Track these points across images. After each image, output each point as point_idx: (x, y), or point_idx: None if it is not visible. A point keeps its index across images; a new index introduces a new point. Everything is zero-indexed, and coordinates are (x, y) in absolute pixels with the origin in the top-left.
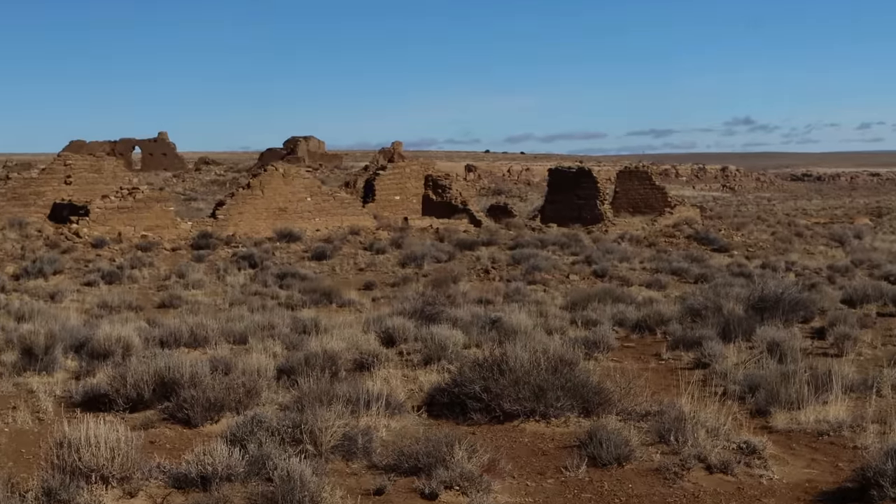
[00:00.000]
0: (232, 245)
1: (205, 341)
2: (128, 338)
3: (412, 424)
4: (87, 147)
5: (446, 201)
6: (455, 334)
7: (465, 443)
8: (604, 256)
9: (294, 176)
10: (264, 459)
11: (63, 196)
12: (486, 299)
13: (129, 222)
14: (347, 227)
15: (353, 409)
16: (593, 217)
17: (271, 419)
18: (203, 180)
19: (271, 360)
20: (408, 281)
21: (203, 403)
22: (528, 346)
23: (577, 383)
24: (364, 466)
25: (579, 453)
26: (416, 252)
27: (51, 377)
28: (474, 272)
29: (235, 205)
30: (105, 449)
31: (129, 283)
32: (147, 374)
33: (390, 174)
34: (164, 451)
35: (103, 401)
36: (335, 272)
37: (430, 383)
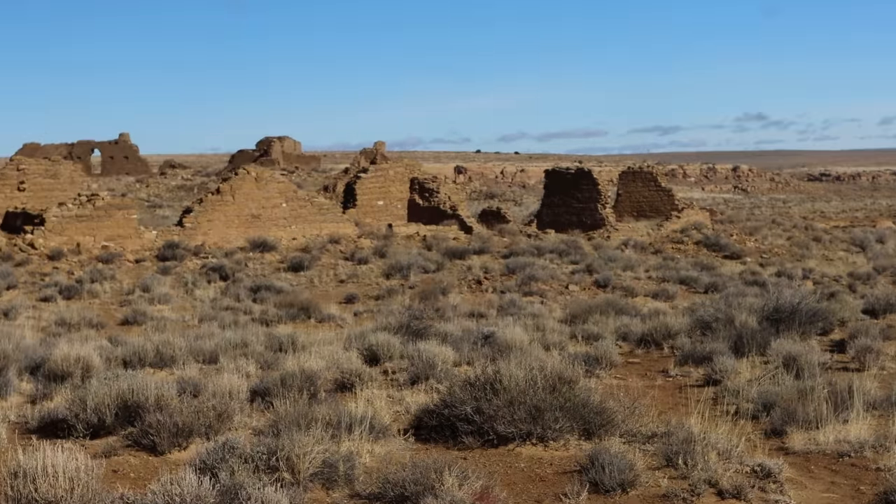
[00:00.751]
0: (201, 256)
1: (172, 361)
2: (88, 358)
3: (398, 449)
4: (42, 150)
5: (434, 206)
6: (444, 351)
7: (455, 469)
8: (606, 265)
9: (268, 180)
10: (237, 489)
11: (16, 204)
12: (479, 312)
13: (89, 232)
14: (326, 235)
15: (333, 433)
16: (594, 222)
17: (244, 445)
18: (169, 185)
19: (244, 381)
20: (393, 293)
21: (170, 428)
22: (523, 364)
23: (577, 403)
24: (346, 495)
25: (580, 479)
26: (402, 262)
27: (4, 401)
28: (465, 283)
29: (204, 212)
30: (63, 479)
31: (90, 297)
32: (109, 397)
33: (373, 177)
34: (128, 480)
35: (61, 426)
36: (314, 284)
37: (418, 404)
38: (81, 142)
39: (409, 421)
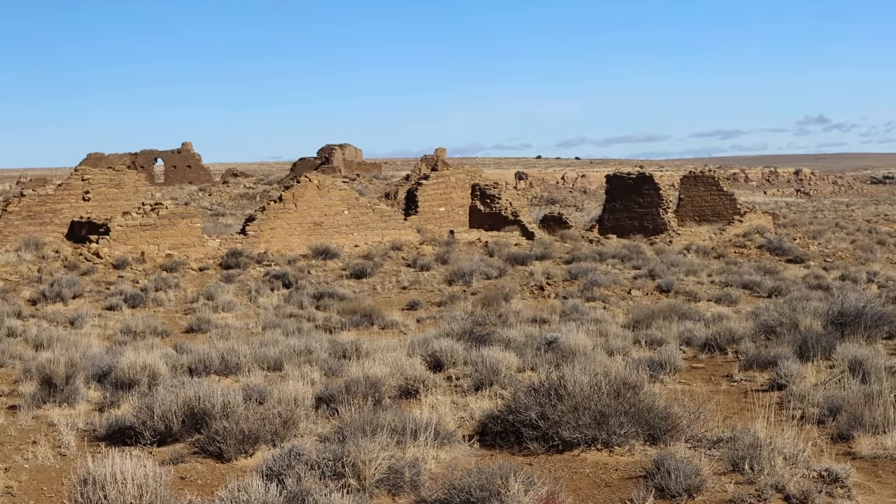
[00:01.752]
0: (264, 263)
1: (237, 368)
2: (154, 366)
3: (463, 455)
4: (106, 160)
5: (495, 212)
6: (508, 357)
7: (521, 474)
8: (668, 270)
9: (329, 187)
10: (304, 495)
11: (81, 213)
12: (541, 318)
13: (153, 240)
14: (388, 241)
15: (398, 439)
16: (656, 227)
17: (310, 451)
18: (231, 194)
19: (309, 388)
20: (455, 300)
21: (236, 435)
22: (587, 369)
23: (641, 408)
24: (412, 501)
25: (646, 484)
26: (464, 268)
27: (72, 409)
28: (527, 289)
29: (267, 220)
30: (132, 486)
31: (154, 306)
32: (175, 404)
33: (434, 184)
34: (196, 487)
35: (129, 434)
36: (376, 291)
37: (482, 410)
38: (145, 151)
39: (474, 427)
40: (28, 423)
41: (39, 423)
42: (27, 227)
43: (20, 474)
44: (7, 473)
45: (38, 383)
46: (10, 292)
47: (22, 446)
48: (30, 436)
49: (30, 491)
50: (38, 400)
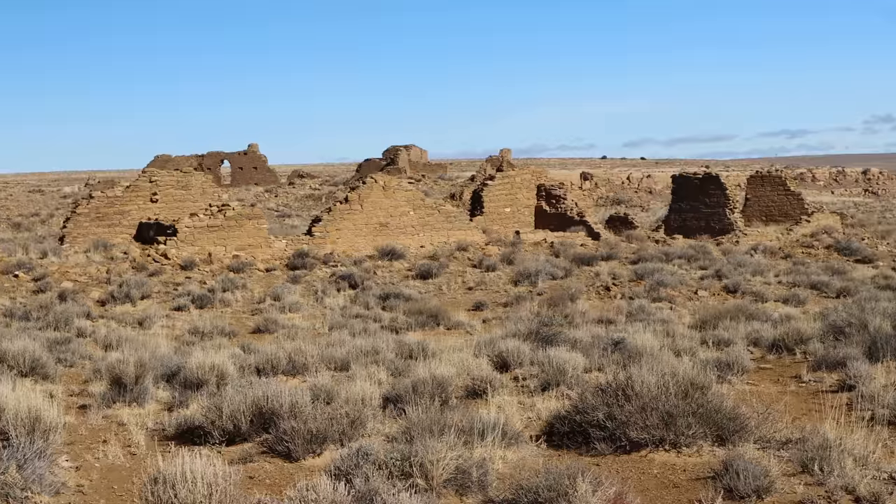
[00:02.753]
0: (330, 264)
1: (304, 368)
2: (222, 366)
3: (530, 455)
4: (173, 162)
5: (561, 213)
6: (574, 357)
7: (588, 475)
8: (735, 270)
9: (395, 188)
10: (372, 495)
11: (149, 215)
12: (607, 319)
13: (220, 242)
14: (454, 242)
15: (465, 439)
16: (722, 227)
17: (378, 451)
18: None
19: (376, 388)
20: (521, 300)
21: (304, 435)
22: (655, 369)
23: (709, 409)
24: (479, 501)
25: (714, 485)
26: (530, 268)
27: (142, 409)
28: (593, 289)
29: (333, 221)
30: (202, 485)
31: (221, 306)
32: (244, 404)
33: (499, 184)
34: (264, 486)
35: (198, 433)
36: (442, 292)
37: (549, 411)
38: (211, 153)
39: (541, 427)
40: (98, 422)
41: (109, 423)
42: (96, 228)
43: (91, 473)
44: (78, 472)
45: (107, 383)
46: (80, 293)
47: (92, 445)
48: (100, 435)
49: (100, 490)
50: (108, 399)
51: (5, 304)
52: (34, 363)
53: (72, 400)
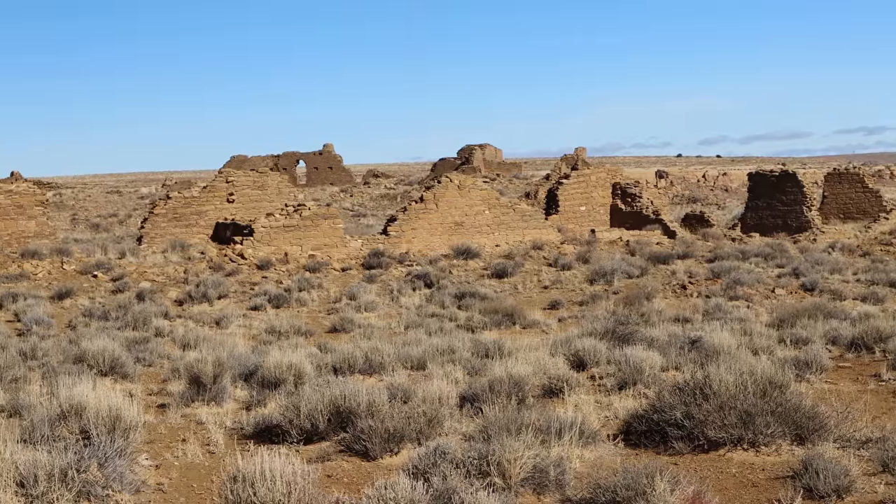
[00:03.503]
0: (405, 263)
1: (380, 367)
2: (299, 365)
3: (608, 454)
4: (249, 162)
5: (636, 211)
6: (651, 356)
7: (666, 474)
8: (812, 268)
9: (470, 187)
10: (450, 493)
11: (226, 215)
12: (684, 317)
13: (296, 241)
14: (529, 241)
15: (543, 438)
16: (799, 225)
17: (455, 450)
18: (372, 195)
19: (453, 387)
20: (597, 299)
21: (382, 434)
22: (732, 368)
23: (788, 408)
24: (557, 500)
25: (793, 485)
26: (606, 267)
27: (220, 407)
28: (669, 288)
29: (408, 220)
30: (281, 483)
31: (298, 306)
32: (321, 403)
33: (574, 183)
34: (342, 485)
35: (276, 432)
36: (517, 291)
37: (626, 410)
38: (287, 153)
39: (618, 426)
40: (177, 421)
41: (188, 422)
42: (173, 228)
43: (170, 471)
44: (158, 471)
45: (186, 382)
46: (157, 293)
47: (172, 444)
48: (179, 434)
49: (180, 488)
50: (187, 398)
51: (85, 304)
52: (114, 362)
53: (151, 399)
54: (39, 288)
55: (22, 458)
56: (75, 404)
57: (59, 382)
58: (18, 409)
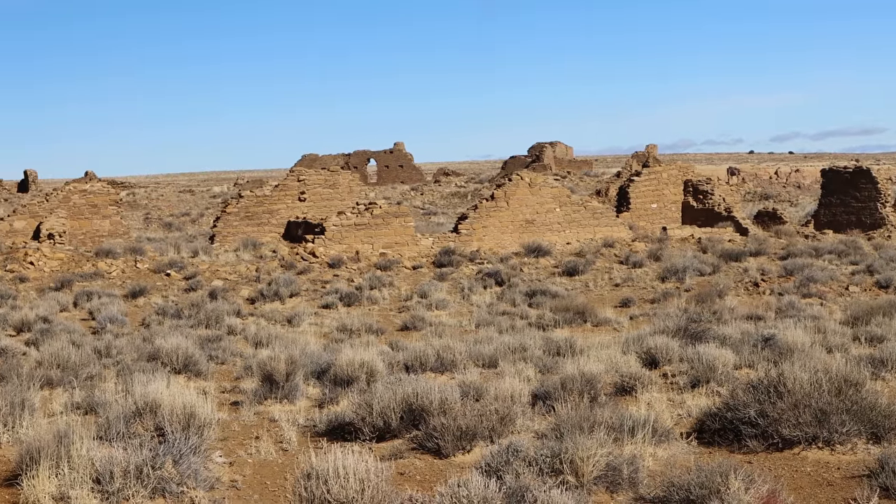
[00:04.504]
0: (476, 261)
1: (452, 365)
2: (371, 363)
3: (681, 453)
4: (321, 161)
5: (708, 208)
6: (724, 354)
7: (741, 472)
8: (887, 265)
9: (541, 185)
10: (523, 491)
11: (297, 213)
12: (756, 315)
13: (367, 240)
14: (600, 238)
15: (615, 436)
16: (873, 221)
17: (528, 448)
18: (443, 193)
19: (525, 385)
20: (668, 296)
21: (454, 432)
22: (807, 366)
23: (864, 406)
24: (630, 498)
25: (869, 484)
26: (677, 264)
27: (292, 405)
28: (742, 286)
29: (479, 218)
30: (354, 481)
31: (369, 304)
32: (394, 401)
33: (645, 180)
34: (414, 482)
35: (348, 430)
36: (588, 288)
37: (699, 408)
38: (358, 152)
39: (691, 424)
40: (250, 418)
41: (261, 419)
42: (245, 227)
43: (244, 468)
44: (232, 468)
45: (259, 380)
46: (230, 291)
47: (245, 441)
48: (252, 431)
49: (253, 485)
50: (260, 396)
51: (158, 303)
52: (187, 360)
53: (224, 397)
54: (113, 286)
55: (98, 454)
56: (150, 401)
57: (133, 380)
58: (94, 406)
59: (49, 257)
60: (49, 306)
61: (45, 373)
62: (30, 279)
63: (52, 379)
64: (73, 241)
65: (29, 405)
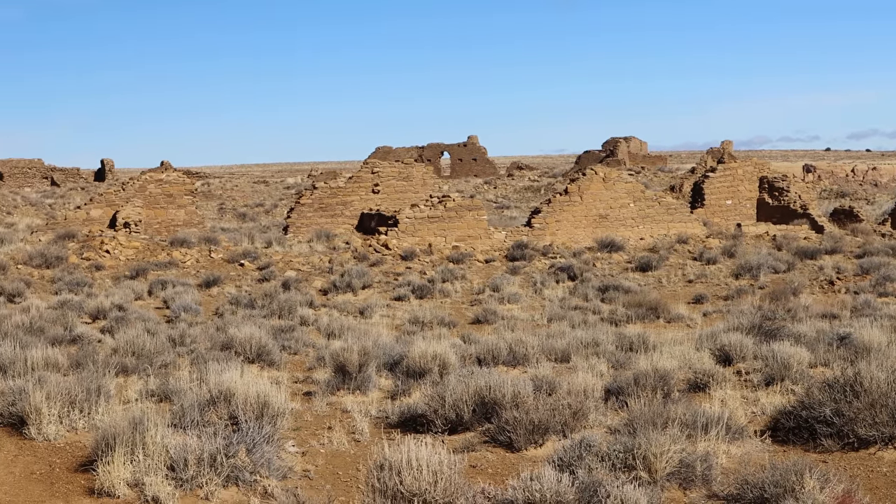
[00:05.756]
0: (549, 256)
1: (524, 359)
2: (444, 355)
3: (755, 451)
4: (394, 153)
5: (783, 205)
6: (799, 352)
7: (816, 471)
8: None
9: (615, 180)
10: (595, 486)
11: (370, 205)
12: (831, 314)
13: (440, 232)
14: (674, 234)
15: (688, 433)
16: None
17: (600, 443)
18: (516, 186)
19: (598, 380)
20: (742, 293)
21: (526, 426)
22: (884, 365)
23: None
24: (703, 496)
25: None
26: (752, 261)
27: (365, 396)
28: (816, 284)
29: (552, 212)
30: (427, 472)
31: (441, 297)
32: (466, 393)
33: (720, 176)
34: (486, 475)
35: (420, 422)
36: (661, 284)
37: (774, 406)
38: (431, 144)
39: (765, 422)
40: (322, 409)
41: (334, 410)
42: (318, 218)
43: (316, 458)
44: (304, 458)
45: (331, 371)
46: (303, 282)
47: (318, 432)
48: (325, 421)
49: (326, 475)
50: (332, 387)
51: (231, 293)
52: (260, 350)
53: (296, 387)
54: (187, 275)
55: (172, 442)
56: (224, 390)
57: (207, 368)
58: (168, 393)
59: (125, 246)
60: (124, 294)
61: (120, 360)
62: (105, 267)
63: (127, 366)
64: (149, 230)
65: (104, 392)
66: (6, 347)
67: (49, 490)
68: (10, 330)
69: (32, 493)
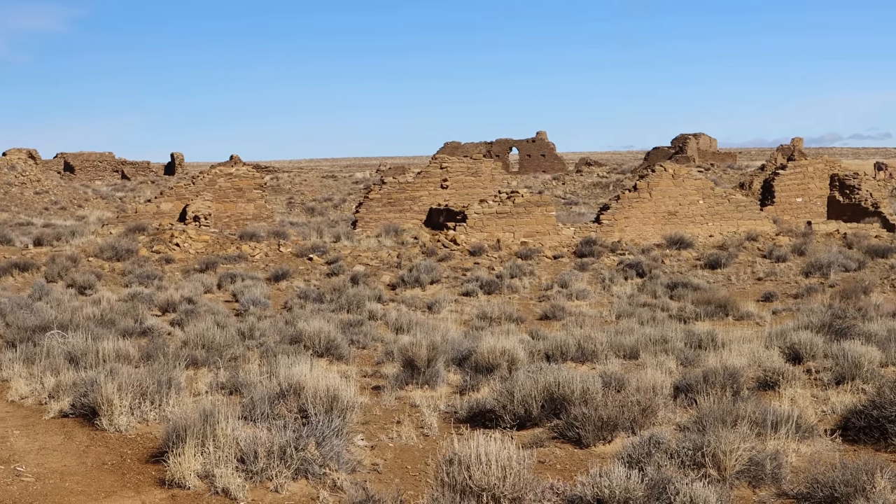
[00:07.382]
0: (617, 252)
1: (593, 356)
2: (512, 351)
3: (825, 450)
4: (463, 149)
5: (854, 203)
6: (870, 351)
7: (887, 471)
8: None
9: (685, 177)
10: (664, 483)
11: (439, 201)
12: None
13: (508, 228)
14: (743, 232)
15: (758, 431)
16: None
17: (669, 440)
18: (584, 183)
19: (667, 377)
20: (812, 292)
21: (595, 422)
22: None
23: None
24: (772, 494)
25: None
26: (822, 260)
27: (433, 391)
28: (888, 282)
29: (621, 209)
30: (496, 467)
31: (509, 293)
32: (535, 389)
33: (790, 174)
34: (555, 471)
35: (489, 417)
36: (730, 282)
37: (844, 405)
38: (500, 140)
39: (836, 421)
40: (391, 403)
41: (402, 404)
42: (387, 213)
43: (385, 452)
44: (373, 451)
45: (400, 365)
46: (371, 276)
47: (386, 426)
48: (393, 416)
49: (394, 469)
50: (401, 381)
51: (300, 287)
52: (329, 344)
53: (365, 381)
54: (256, 269)
55: (242, 434)
56: (294, 384)
57: (277, 362)
58: (238, 386)
59: (194, 239)
60: (194, 287)
61: (190, 352)
62: (175, 260)
63: (197, 359)
64: (218, 223)
65: (175, 384)
66: (78, 339)
67: (120, 480)
68: (81, 322)
69: (104, 483)
